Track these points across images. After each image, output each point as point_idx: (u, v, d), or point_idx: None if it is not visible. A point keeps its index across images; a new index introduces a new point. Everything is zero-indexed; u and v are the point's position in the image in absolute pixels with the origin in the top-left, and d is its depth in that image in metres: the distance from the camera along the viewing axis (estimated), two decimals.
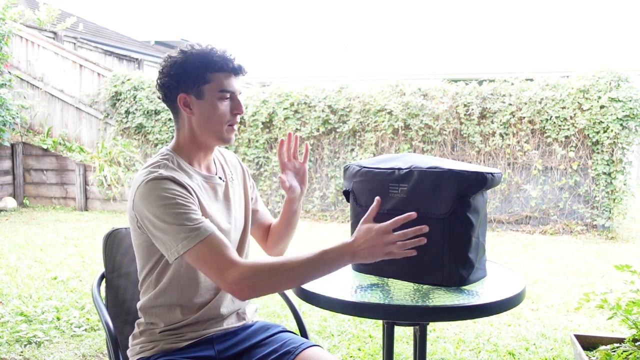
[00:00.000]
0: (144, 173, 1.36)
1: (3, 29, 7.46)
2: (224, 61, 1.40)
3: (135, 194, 1.35)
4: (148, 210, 1.31)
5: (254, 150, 7.36)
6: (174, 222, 1.29)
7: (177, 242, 1.29)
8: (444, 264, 1.38)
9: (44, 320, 3.19)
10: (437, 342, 2.99)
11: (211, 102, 1.40)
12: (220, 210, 1.47)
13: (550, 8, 14.16)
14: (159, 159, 1.42)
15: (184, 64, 1.39)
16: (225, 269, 1.27)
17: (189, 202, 1.32)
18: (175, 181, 1.34)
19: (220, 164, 1.57)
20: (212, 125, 1.42)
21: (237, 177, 1.60)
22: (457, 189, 1.36)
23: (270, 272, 1.27)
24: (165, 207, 1.30)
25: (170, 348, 1.43)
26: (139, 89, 7.90)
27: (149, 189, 1.32)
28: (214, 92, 1.40)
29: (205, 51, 1.40)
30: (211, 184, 1.48)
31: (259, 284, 1.27)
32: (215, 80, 1.39)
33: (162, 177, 1.33)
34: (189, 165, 1.45)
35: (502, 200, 6.59)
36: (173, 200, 1.30)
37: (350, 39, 15.22)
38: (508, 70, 7.33)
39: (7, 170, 7.82)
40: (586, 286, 4.08)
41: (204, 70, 1.39)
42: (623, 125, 6.00)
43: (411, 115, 6.69)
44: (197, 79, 1.39)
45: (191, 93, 1.41)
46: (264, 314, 3.39)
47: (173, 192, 1.32)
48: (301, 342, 1.48)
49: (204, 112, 1.41)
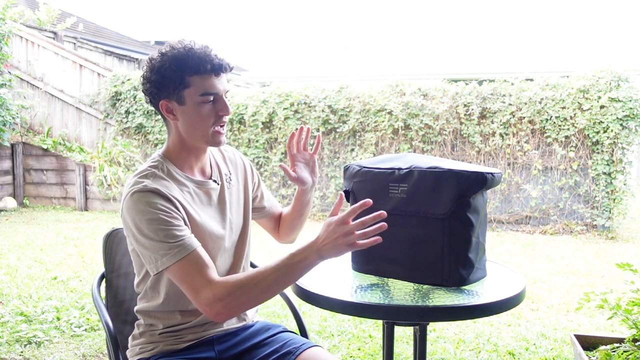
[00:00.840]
0: (131, 183, 1.34)
1: (3, 29, 7.46)
2: (201, 62, 1.31)
3: (123, 203, 1.33)
4: (132, 222, 1.30)
5: (254, 150, 7.36)
6: (155, 237, 1.27)
7: (157, 258, 1.28)
8: (444, 264, 1.38)
9: (44, 320, 3.19)
10: (437, 342, 2.99)
11: (193, 107, 1.34)
12: (213, 215, 1.44)
13: (550, 8, 14.15)
14: (148, 166, 1.39)
15: (162, 69, 1.32)
16: (200, 290, 1.25)
17: (172, 217, 1.29)
18: (160, 194, 1.30)
19: (217, 164, 1.52)
20: (197, 131, 1.37)
21: (236, 176, 1.56)
22: (457, 189, 1.36)
23: (241, 289, 1.24)
24: (148, 222, 1.28)
25: (170, 349, 1.43)
26: (139, 89, 7.89)
27: (133, 202, 1.30)
28: (194, 96, 1.33)
29: (182, 53, 1.32)
30: (204, 189, 1.44)
31: (233, 303, 1.25)
32: (194, 84, 1.32)
33: (146, 189, 1.30)
34: (180, 172, 1.41)
35: (502, 200, 6.59)
36: (155, 216, 1.28)
37: (350, 39, 15.22)
38: (508, 70, 7.33)
39: (7, 170, 7.82)
40: (586, 286, 4.08)
41: (181, 75, 1.31)
42: (623, 125, 6.00)
43: (411, 115, 6.69)
44: (175, 84, 1.32)
45: (172, 99, 1.35)
46: (264, 314, 3.39)
47: (157, 206, 1.29)
48: (302, 343, 1.48)
49: (188, 118, 1.36)
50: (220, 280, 1.26)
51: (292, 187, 7.28)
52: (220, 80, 1.36)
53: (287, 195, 7.30)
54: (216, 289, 1.24)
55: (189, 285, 1.26)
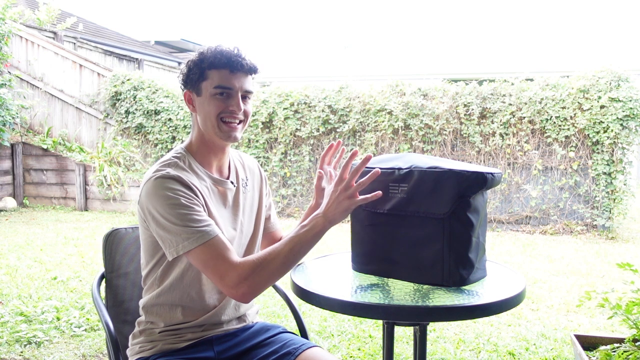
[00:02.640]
0: (153, 170, 1.38)
1: (3, 29, 7.46)
2: (222, 58, 1.39)
3: (143, 189, 1.37)
4: (153, 207, 1.33)
5: (254, 150, 7.36)
6: (177, 222, 1.30)
7: (179, 242, 1.30)
8: (444, 264, 1.38)
9: (44, 320, 3.19)
10: (437, 342, 2.99)
11: (207, 99, 1.41)
12: (225, 215, 1.46)
13: (550, 8, 14.16)
14: (171, 156, 1.43)
15: (189, 63, 1.43)
16: (224, 273, 1.28)
17: (193, 203, 1.33)
18: (181, 181, 1.34)
19: (235, 168, 1.55)
20: (208, 121, 1.41)
21: (252, 184, 1.59)
22: (457, 189, 1.36)
23: (261, 265, 1.28)
24: (170, 207, 1.31)
25: (170, 348, 1.43)
26: (139, 89, 7.90)
27: (155, 187, 1.33)
28: (209, 88, 1.40)
29: (210, 49, 1.41)
30: (221, 188, 1.47)
31: (257, 280, 1.28)
32: (211, 77, 1.40)
33: (168, 175, 1.34)
34: (200, 166, 1.45)
35: (502, 200, 6.59)
36: (177, 200, 1.31)
37: (351, 39, 15.22)
38: (508, 70, 7.33)
39: (7, 170, 7.82)
40: (586, 286, 4.08)
41: (202, 68, 1.40)
42: (623, 125, 6.00)
43: (411, 115, 6.69)
44: (196, 76, 1.41)
45: (193, 90, 1.43)
46: (264, 314, 3.39)
47: (177, 192, 1.32)
48: (302, 343, 1.48)
49: (202, 109, 1.42)
50: (242, 261, 1.30)
51: (292, 187, 7.29)
52: (238, 77, 1.41)
53: (287, 195, 7.31)
54: (240, 269, 1.28)
55: (213, 269, 1.29)
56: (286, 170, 7.29)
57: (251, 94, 1.45)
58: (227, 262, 1.28)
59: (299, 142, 7.27)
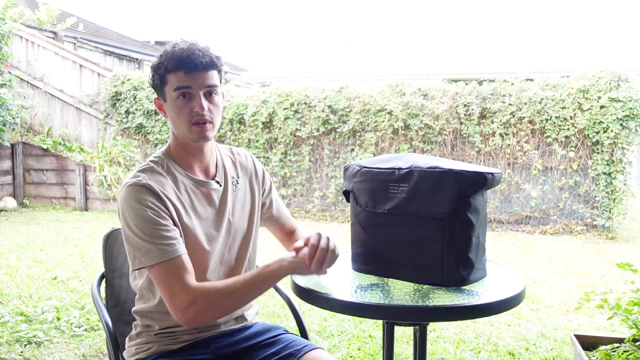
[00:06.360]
0: (130, 175, 1.38)
1: (3, 29, 7.46)
2: (176, 60, 1.34)
3: (119, 194, 1.37)
4: (122, 214, 1.33)
5: (254, 150, 7.36)
6: (141, 235, 1.29)
7: (137, 256, 1.30)
8: (444, 264, 1.38)
9: (44, 320, 3.19)
10: (437, 342, 2.99)
11: (171, 103, 1.37)
12: (209, 216, 1.44)
13: (550, 8, 14.16)
14: (149, 160, 1.43)
15: (151, 68, 1.40)
16: (175, 294, 1.27)
17: (159, 217, 1.31)
18: (152, 190, 1.33)
19: (224, 167, 1.52)
20: (179, 127, 1.39)
21: (244, 181, 1.55)
22: (457, 189, 1.36)
23: (215, 296, 1.29)
24: (136, 218, 1.30)
25: (166, 349, 1.43)
26: (139, 89, 7.90)
27: (126, 195, 1.33)
28: (171, 92, 1.37)
29: (166, 53, 1.36)
30: (204, 189, 1.45)
31: (205, 308, 1.28)
32: (171, 81, 1.36)
33: (139, 184, 1.33)
34: (180, 169, 1.43)
35: (502, 200, 6.59)
36: (144, 213, 1.30)
37: (351, 39, 15.23)
38: (508, 70, 7.32)
39: (7, 170, 7.82)
40: (586, 286, 4.08)
41: (160, 74, 1.37)
42: (623, 125, 6.00)
43: (411, 115, 6.69)
44: (158, 82, 1.39)
45: (160, 96, 1.41)
46: (264, 314, 3.39)
47: (146, 203, 1.31)
48: (304, 345, 1.48)
49: (170, 114, 1.40)
50: (196, 286, 1.28)
51: (292, 187, 7.29)
52: (195, 77, 1.35)
53: (287, 195, 7.31)
54: (192, 294, 1.27)
55: (165, 288, 1.28)
56: (286, 170, 7.29)
57: (216, 87, 1.38)
58: (182, 283, 1.27)
59: (299, 142, 7.27)
